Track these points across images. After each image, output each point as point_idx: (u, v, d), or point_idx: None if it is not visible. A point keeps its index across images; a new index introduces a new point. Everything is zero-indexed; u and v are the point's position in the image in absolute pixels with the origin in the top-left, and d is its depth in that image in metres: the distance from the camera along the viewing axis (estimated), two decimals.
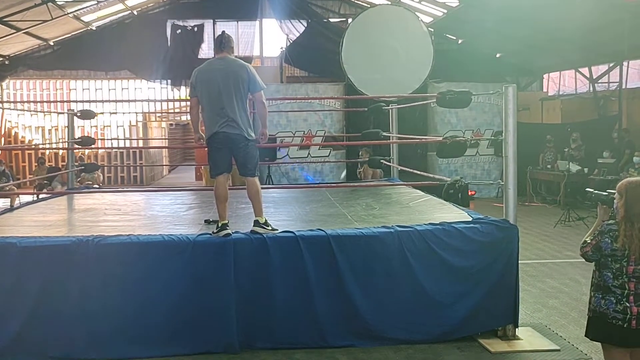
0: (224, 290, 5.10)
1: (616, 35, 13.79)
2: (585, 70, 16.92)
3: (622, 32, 13.43)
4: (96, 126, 19.90)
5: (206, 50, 20.10)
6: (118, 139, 19.16)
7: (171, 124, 24.06)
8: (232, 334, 5.11)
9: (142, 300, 5.07)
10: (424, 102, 11.55)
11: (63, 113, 13.78)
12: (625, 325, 3.61)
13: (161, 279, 5.09)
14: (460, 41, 19.24)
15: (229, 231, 5.17)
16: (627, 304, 3.62)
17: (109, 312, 5.02)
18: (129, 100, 19.48)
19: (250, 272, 5.13)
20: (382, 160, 9.46)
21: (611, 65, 16.00)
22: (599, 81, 16.67)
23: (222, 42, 5.43)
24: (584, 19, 13.40)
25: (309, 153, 15.61)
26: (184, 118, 23.91)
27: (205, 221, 6.08)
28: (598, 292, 3.77)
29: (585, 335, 3.95)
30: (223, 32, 5.51)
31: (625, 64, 15.67)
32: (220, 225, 5.21)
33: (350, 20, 16.34)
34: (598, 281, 3.80)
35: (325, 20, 19.20)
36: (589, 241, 3.82)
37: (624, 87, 15.73)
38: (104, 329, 5.02)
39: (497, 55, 19.00)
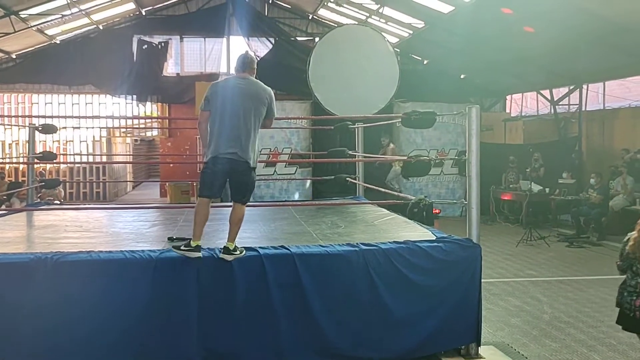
0: (187, 308, 5.03)
1: (576, 59, 14.17)
2: (546, 92, 17.30)
3: (581, 57, 13.81)
4: (58, 141, 19.55)
5: (172, 66, 20.02)
6: (81, 154, 18.85)
7: (136, 140, 23.78)
8: (194, 353, 5.03)
9: (102, 319, 4.96)
10: (390, 121, 11.65)
11: (24, 127, 13.50)
12: (631, 315, 4.55)
13: (122, 297, 4.99)
14: (425, 62, 19.53)
15: (200, 255, 4.98)
16: (634, 298, 4.52)
17: (68, 331, 4.90)
18: (92, 117, 19.20)
19: (213, 291, 5.07)
20: (347, 179, 9.49)
21: (571, 87, 16.40)
22: (560, 103, 17.05)
23: (245, 63, 5.24)
24: (546, 42, 13.75)
25: (275, 170, 15.59)
26: (149, 134, 23.67)
27: (169, 239, 6.00)
28: (622, 288, 4.72)
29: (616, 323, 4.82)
30: (247, 52, 5.35)
31: (584, 87, 16.09)
32: (194, 245, 5.00)
33: (317, 39, 16.45)
34: (624, 280, 4.72)
35: (292, 39, 19.33)
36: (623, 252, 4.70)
37: (583, 109, 16.14)
38: (63, 348, 4.89)
39: (462, 76, 19.32)
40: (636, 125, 14.69)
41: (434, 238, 5.74)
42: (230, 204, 5.34)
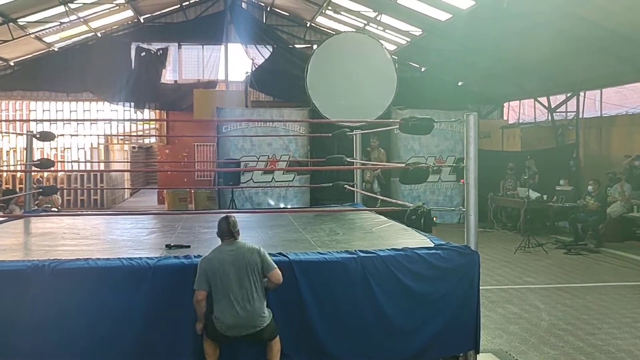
0: (184, 316, 5.00)
1: (573, 66, 14.23)
2: (544, 100, 17.37)
3: (578, 64, 13.87)
4: (56, 148, 19.56)
5: (170, 73, 20.06)
6: (79, 162, 18.84)
7: (134, 147, 23.78)
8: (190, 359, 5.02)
9: (99, 327, 4.93)
10: (388, 128, 11.66)
11: (22, 134, 13.50)
12: None
13: (120, 305, 4.97)
14: (423, 69, 19.60)
15: None
16: None
17: (65, 339, 4.87)
18: (90, 120, 19.20)
19: (210, 298, 5.05)
20: (345, 186, 9.48)
21: (568, 95, 16.46)
22: (557, 110, 17.11)
23: (230, 229, 5.05)
24: (543, 50, 13.81)
25: (273, 178, 15.58)
26: (146, 141, 23.68)
27: (167, 246, 5.98)
28: None
29: None
30: (227, 217, 5.10)
31: (582, 94, 16.14)
32: None
33: (315, 46, 16.51)
34: None
35: (290, 46, 19.41)
36: None
37: (580, 116, 16.18)
38: (60, 356, 4.87)
39: (459, 84, 19.39)
40: (633, 133, 14.73)
41: (432, 245, 5.73)
42: (229, 210, 5.35)
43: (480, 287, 5.64)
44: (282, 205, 15.08)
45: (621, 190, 12.98)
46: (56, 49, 18.82)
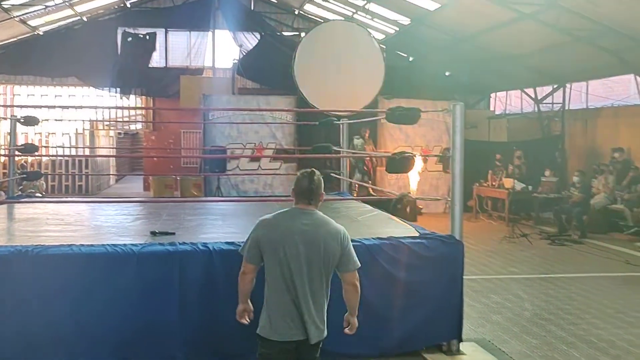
0: (169, 303, 5.00)
1: (560, 58, 14.28)
2: (530, 91, 17.43)
3: (565, 56, 13.93)
4: (40, 133, 19.37)
5: (157, 59, 19.88)
6: (63, 147, 18.68)
7: (119, 133, 23.61)
8: (176, 347, 5.01)
9: (83, 313, 4.92)
10: (375, 117, 11.67)
11: (5, 118, 13.35)
12: None
13: (103, 292, 4.95)
14: (411, 58, 19.58)
15: None
16: None
17: (48, 326, 4.85)
18: (76, 107, 19.03)
19: (195, 285, 5.04)
20: (332, 174, 9.49)
21: (555, 87, 16.53)
22: (544, 102, 17.18)
23: (312, 189, 3.62)
24: (530, 42, 13.83)
25: (259, 165, 15.54)
26: (132, 127, 23.52)
27: (152, 233, 5.95)
28: None
29: None
30: (312, 172, 3.65)
31: (568, 86, 16.22)
32: None
33: (303, 34, 16.42)
34: None
35: (278, 34, 19.30)
36: None
37: (566, 108, 16.27)
38: (42, 343, 4.85)
39: (447, 74, 19.39)
40: (618, 125, 14.83)
41: (417, 234, 5.75)
42: (216, 198, 5.30)
43: (465, 277, 5.68)
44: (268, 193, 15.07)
45: (605, 182, 13.10)
46: (41, 33, 18.58)
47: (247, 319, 3.77)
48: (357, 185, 13.33)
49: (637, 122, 14.11)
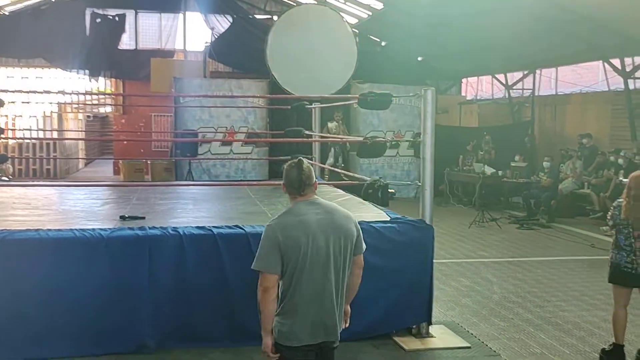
0: (138, 288, 4.96)
1: (530, 44, 14.41)
2: (501, 77, 17.60)
3: (535, 42, 14.06)
4: (6, 116, 18.95)
5: (127, 41, 19.56)
6: (30, 130, 18.31)
7: (88, 116, 23.22)
8: (146, 333, 4.99)
9: (50, 299, 4.85)
10: (347, 102, 11.66)
11: None
12: (632, 272, 5.02)
13: (71, 277, 4.89)
14: (383, 43, 19.58)
15: None
16: (634, 257, 5.00)
17: (14, 312, 4.78)
18: (43, 92, 18.65)
19: (165, 270, 5.01)
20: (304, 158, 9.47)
21: (525, 73, 16.70)
22: (514, 88, 17.37)
23: (303, 179, 3.35)
24: (502, 28, 13.92)
25: (231, 150, 15.45)
26: (102, 110, 23.16)
27: (121, 217, 5.89)
28: (615, 250, 5.15)
29: (608, 281, 5.26)
30: (300, 161, 3.40)
31: (538, 72, 16.40)
32: None
33: (276, 17, 16.30)
34: (615, 241, 5.17)
35: (250, 17, 19.11)
36: (609, 215, 5.27)
37: (536, 94, 16.46)
38: (8, 329, 4.78)
39: (419, 59, 19.44)
40: (586, 110, 15.07)
41: (388, 219, 5.79)
42: (188, 182, 5.25)
43: (435, 261, 5.74)
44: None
45: (573, 167, 13.32)
46: (7, 13, 18.14)
47: (274, 354, 3.34)
48: (328, 170, 13.35)
49: (605, 109, 14.36)
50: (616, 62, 13.22)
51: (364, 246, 3.51)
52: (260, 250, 3.26)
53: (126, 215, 5.88)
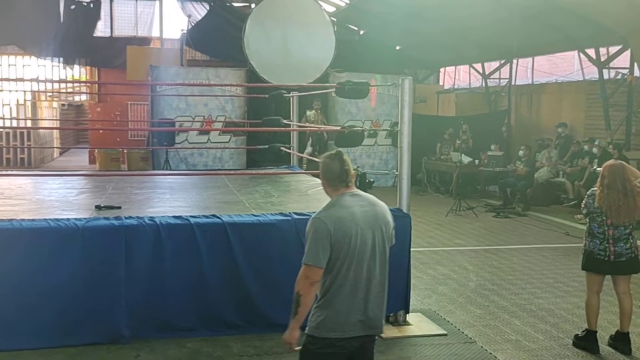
0: (114, 278, 4.93)
1: (507, 34, 14.50)
2: (478, 66, 17.69)
3: (512, 32, 14.15)
4: None
5: (102, 28, 19.27)
6: (4, 118, 18.01)
7: (63, 105, 22.90)
8: (122, 323, 4.96)
9: (24, 290, 4.80)
10: (325, 91, 11.64)
11: None
12: (605, 259, 5.12)
13: (46, 267, 4.84)
14: (362, 32, 19.54)
15: None
16: (607, 245, 5.11)
17: None
18: (16, 79, 18.36)
19: (142, 260, 4.98)
20: (282, 148, 9.45)
21: (502, 62, 16.81)
22: (491, 77, 17.47)
23: (347, 170, 3.31)
24: (479, 17, 13.99)
25: (208, 139, 15.36)
26: (77, 98, 22.85)
27: (97, 207, 5.83)
28: (588, 237, 5.25)
29: (582, 268, 5.35)
30: (339, 153, 3.36)
31: (514, 61, 16.51)
32: None
33: (253, 5, 16.17)
34: (589, 229, 5.26)
35: (228, 4, 18.92)
36: (583, 203, 5.34)
37: (513, 83, 16.58)
38: None
39: (397, 48, 19.46)
40: (562, 100, 15.22)
41: None
42: (165, 171, 5.21)
43: (412, 249, 5.78)
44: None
45: (548, 156, 13.47)
46: None
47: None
48: (307, 159, 13.34)
49: (580, 98, 14.52)
50: (591, 52, 13.37)
51: (394, 240, 3.47)
52: (310, 244, 3.16)
53: (102, 205, 5.83)
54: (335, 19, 17.16)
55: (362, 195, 3.35)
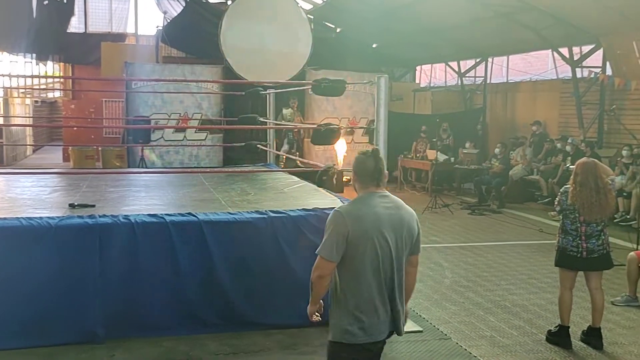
0: (88, 277, 4.87)
1: (482, 33, 14.64)
2: (454, 64, 17.82)
3: (487, 31, 14.29)
4: None
5: (76, 24, 19.04)
6: None
7: (36, 101, 22.56)
8: (96, 323, 4.91)
9: None
10: (301, 88, 11.63)
11: None
12: (578, 256, 5.20)
13: (19, 266, 4.77)
14: (338, 30, 19.55)
15: None
16: (580, 242, 5.18)
17: None
18: None
19: (116, 259, 4.93)
20: (258, 146, 9.42)
21: (477, 60, 16.95)
22: (466, 75, 17.61)
23: (381, 169, 3.25)
24: (455, 16, 14.09)
25: (184, 136, 15.25)
26: (50, 95, 22.53)
27: (70, 205, 5.76)
28: (561, 234, 5.32)
29: (555, 265, 5.45)
30: (375, 151, 3.32)
31: (490, 60, 16.67)
32: None
33: (230, 2, 16.08)
34: (562, 226, 5.33)
35: (204, 1, 18.78)
36: (556, 201, 5.43)
37: (488, 81, 16.74)
38: None
39: (374, 46, 19.51)
40: (536, 98, 15.40)
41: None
42: (138, 169, 5.16)
43: None
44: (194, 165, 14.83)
45: (523, 153, 13.63)
46: None
47: (320, 316, 3.36)
48: (284, 157, 13.33)
49: (554, 97, 14.71)
50: (565, 51, 13.54)
51: (420, 249, 3.39)
52: (327, 236, 3.13)
53: (75, 204, 5.76)
54: (312, 17, 17.14)
55: (390, 197, 3.27)
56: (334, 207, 5.61)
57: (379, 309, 3.18)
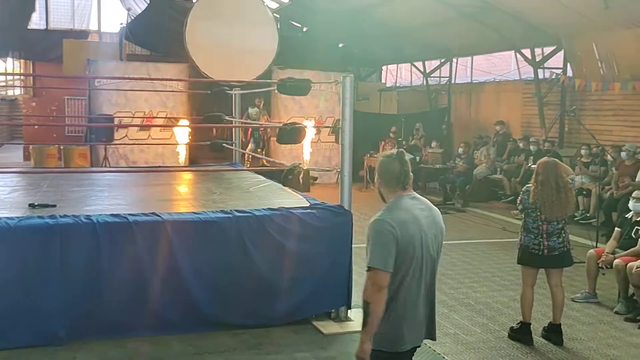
0: (49, 278, 4.78)
1: (447, 33, 14.79)
2: (420, 65, 17.97)
3: (451, 31, 14.45)
4: None
5: (37, 20, 18.65)
6: None
7: None
8: (58, 324, 4.83)
9: None
10: (267, 88, 11.61)
11: None
12: (539, 253, 5.31)
13: None
14: (305, 29, 19.55)
15: None
16: (541, 239, 5.28)
17: None
18: None
19: (78, 260, 4.85)
20: (224, 145, 9.37)
21: (442, 60, 17.13)
22: (432, 75, 17.78)
23: (407, 171, 3.20)
24: (420, 16, 14.22)
25: (149, 135, 15.07)
26: (10, 92, 22.01)
27: (30, 205, 5.65)
28: (523, 232, 5.43)
29: (517, 262, 5.56)
30: (400, 152, 3.26)
31: (454, 60, 16.86)
32: None
33: (195, 0, 15.95)
34: (524, 224, 5.44)
35: None
36: (519, 199, 5.53)
37: (453, 82, 16.93)
38: None
39: (340, 45, 19.55)
40: (500, 99, 15.63)
41: (308, 205, 5.82)
42: (100, 168, 5.09)
43: (354, 245, 5.82)
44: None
45: (486, 153, 13.82)
46: None
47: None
48: (250, 156, 13.27)
49: (516, 97, 14.94)
50: (527, 52, 13.77)
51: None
52: (375, 247, 2.98)
53: (36, 203, 5.65)
54: (278, 15, 17.11)
55: (420, 199, 3.22)
56: (300, 206, 5.67)
57: (422, 314, 3.14)
